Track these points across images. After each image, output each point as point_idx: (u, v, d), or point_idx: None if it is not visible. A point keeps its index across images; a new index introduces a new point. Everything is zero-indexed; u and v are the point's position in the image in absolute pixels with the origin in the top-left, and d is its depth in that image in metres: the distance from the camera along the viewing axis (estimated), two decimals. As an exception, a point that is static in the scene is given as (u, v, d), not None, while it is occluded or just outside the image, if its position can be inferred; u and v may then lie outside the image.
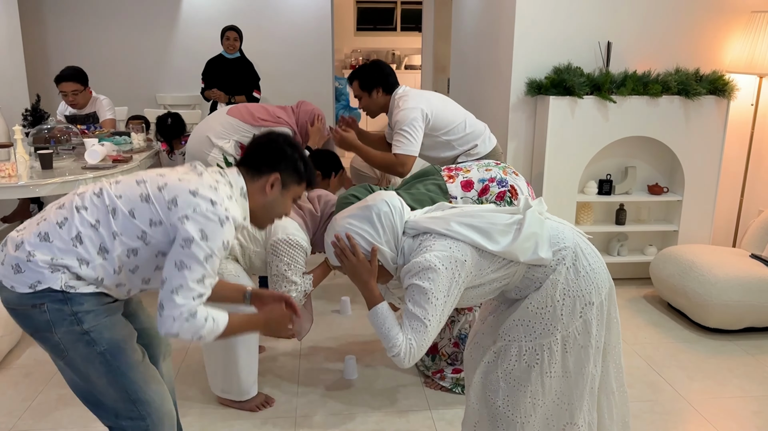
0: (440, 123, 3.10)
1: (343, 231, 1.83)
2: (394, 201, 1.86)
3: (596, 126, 3.81)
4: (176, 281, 1.62)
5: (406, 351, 1.72)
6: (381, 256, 1.82)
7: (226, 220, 1.66)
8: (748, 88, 4.01)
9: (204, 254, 1.63)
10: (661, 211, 4.20)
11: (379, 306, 1.79)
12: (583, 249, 1.87)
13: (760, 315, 3.35)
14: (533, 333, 1.84)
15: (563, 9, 3.83)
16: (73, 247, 1.66)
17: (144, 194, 1.69)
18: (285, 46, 6.79)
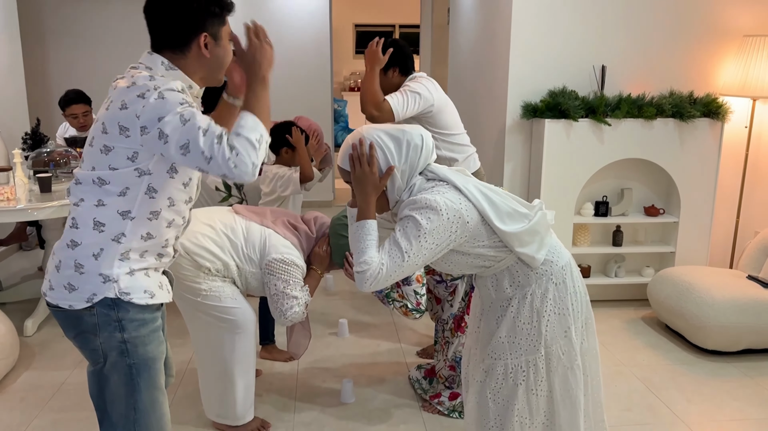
0: (440, 120, 3.15)
1: (369, 139, 1.80)
2: (428, 140, 1.85)
3: (592, 148, 3.84)
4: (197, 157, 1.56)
5: (374, 272, 1.71)
6: (390, 180, 1.81)
7: (162, 94, 1.59)
8: (741, 110, 4.05)
9: (177, 120, 1.57)
10: (658, 232, 4.22)
11: (369, 221, 1.77)
12: (573, 271, 1.90)
13: (758, 337, 3.35)
14: (519, 349, 1.85)
15: (558, 33, 3.88)
16: (100, 233, 1.66)
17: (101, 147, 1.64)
18: (284, 69, 6.85)
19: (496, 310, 1.91)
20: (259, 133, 1.62)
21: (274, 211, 2.72)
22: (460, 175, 1.83)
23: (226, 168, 1.56)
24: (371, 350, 3.49)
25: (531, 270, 1.84)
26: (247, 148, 1.58)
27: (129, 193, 1.65)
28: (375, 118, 2.97)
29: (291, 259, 2.53)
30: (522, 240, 1.79)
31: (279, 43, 6.81)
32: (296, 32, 6.82)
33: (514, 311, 1.86)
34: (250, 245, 2.53)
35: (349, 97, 10.11)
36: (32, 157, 3.83)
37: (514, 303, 1.86)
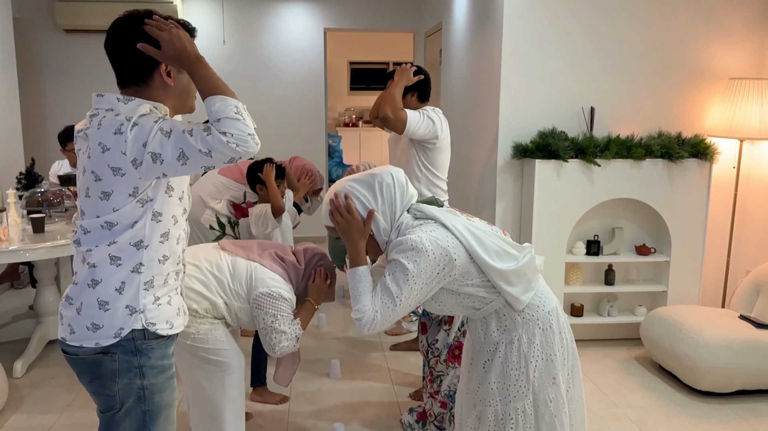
0: (436, 158, 3.31)
1: (342, 191, 1.86)
2: (399, 176, 1.89)
3: (582, 188, 3.88)
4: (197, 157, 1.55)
5: (369, 320, 1.77)
6: (374, 224, 1.84)
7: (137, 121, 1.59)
8: (729, 151, 4.11)
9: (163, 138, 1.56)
10: (650, 271, 4.23)
11: (360, 269, 1.82)
12: (560, 317, 1.91)
13: (752, 378, 3.34)
14: (508, 395, 1.85)
15: (547, 75, 3.95)
16: (118, 268, 1.67)
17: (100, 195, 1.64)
18: (279, 106, 6.94)
19: (484, 355, 1.92)
20: (233, 105, 1.58)
21: (261, 244, 2.71)
22: (448, 214, 1.86)
23: (231, 151, 1.54)
24: (363, 391, 3.47)
25: (517, 315, 1.85)
26: (234, 124, 1.55)
27: (137, 224, 1.66)
28: (388, 119, 3.09)
29: (278, 292, 2.51)
30: (509, 279, 1.81)
31: (274, 80, 6.94)
32: (291, 69, 6.92)
33: (501, 356, 1.86)
34: (236, 281, 2.52)
35: (343, 133, 10.20)
36: (26, 197, 3.85)
37: (501, 348, 1.87)
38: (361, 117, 10.65)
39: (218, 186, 3.75)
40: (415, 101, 3.34)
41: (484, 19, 4.32)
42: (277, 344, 2.48)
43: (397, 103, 3.12)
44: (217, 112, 1.56)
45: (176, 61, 1.62)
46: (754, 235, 4.18)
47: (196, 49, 1.63)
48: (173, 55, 1.61)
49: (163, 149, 1.56)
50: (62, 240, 3.36)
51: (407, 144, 3.35)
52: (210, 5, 6.66)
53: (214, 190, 3.71)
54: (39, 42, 6.48)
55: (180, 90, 1.74)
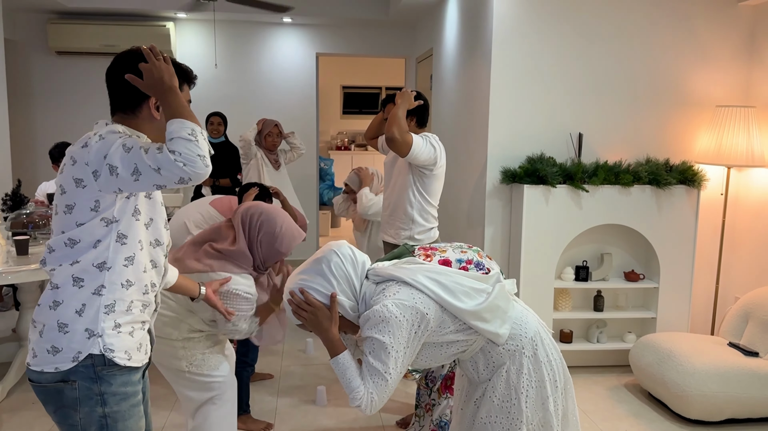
0: (431, 185, 3.33)
1: (296, 287, 1.82)
2: (343, 249, 1.86)
3: (570, 214, 3.88)
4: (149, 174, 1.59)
5: (368, 403, 1.75)
6: (340, 306, 1.81)
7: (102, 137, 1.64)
8: (717, 178, 4.12)
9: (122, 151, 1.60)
10: (639, 297, 4.22)
11: (341, 356, 1.78)
12: (543, 339, 1.88)
13: (741, 407, 3.31)
14: (502, 429, 1.82)
15: (535, 101, 3.98)
16: (80, 289, 1.67)
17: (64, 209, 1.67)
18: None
19: (476, 392, 1.90)
20: (189, 128, 1.62)
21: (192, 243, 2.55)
22: (405, 269, 1.82)
23: (178, 170, 1.58)
24: (350, 418, 3.41)
25: (502, 348, 1.82)
26: (186, 144, 1.59)
27: (100, 244, 1.67)
28: (394, 140, 3.11)
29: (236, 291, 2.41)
30: (482, 317, 1.78)
31: (267, 102, 6.96)
32: (284, 93, 6.95)
33: (490, 391, 1.84)
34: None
35: (335, 156, 10.22)
36: (11, 218, 3.81)
37: (490, 383, 1.84)
38: (353, 140, 10.68)
39: (205, 215, 3.71)
40: (414, 126, 3.35)
41: (473, 46, 4.36)
42: (234, 333, 2.47)
43: (403, 125, 3.14)
44: (171, 132, 1.61)
45: (152, 89, 1.69)
46: (743, 262, 4.18)
47: (174, 81, 1.69)
48: (150, 83, 1.68)
49: (120, 163, 1.60)
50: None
51: (405, 168, 3.35)
52: (202, 29, 6.71)
53: (200, 219, 3.68)
54: (31, 63, 6.49)
55: (163, 125, 1.76)
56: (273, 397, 3.65)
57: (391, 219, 3.44)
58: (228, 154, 5.42)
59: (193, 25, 6.69)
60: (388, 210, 3.47)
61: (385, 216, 3.51)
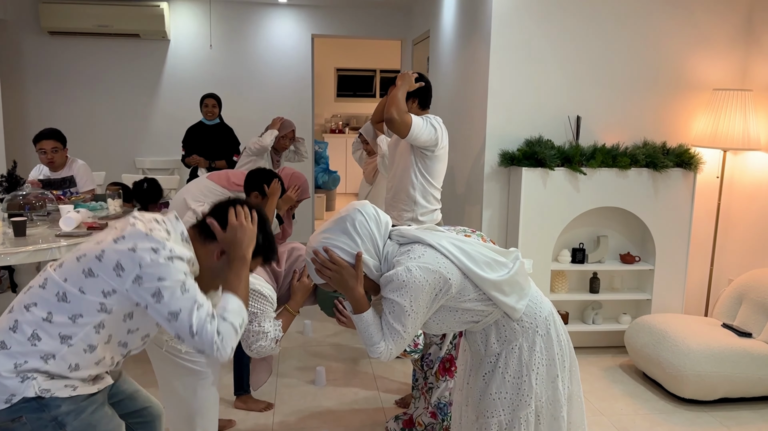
0: (433, 167, 3.32)
1: (320, 246, 1.81)
2: (367, 209, 1.85)
3: (568, 196, 3.90)
4: (184, 326, 1.61)
5: (387, 354, 1.79)
6: (365, 266, 1.80)
7: (173, 258, 1.63)
8: (713, 161, 4.15)
9: (178, 288, 1.61)
10: (634, 279, 4.26)
11: (365, 314, 1.79)
12: (555, 320, 1.90)
13: (734, 386, 3.36)
14: (511, 405, 1.85)
15: (534, 84, 3.98)
16: (32, 347, 1.61)
17: (86, 269, 1.64)
18: (265, 111, 6.90)
19: (485, 366, 1.91)
20: (242, 317, 1.69)
21: None
22: (431, 233, 1.83)
23: (209, 348, 1.61)
24: (349, 399, 3.45)
25: (516, 324, 1.84)
26: (231, 334, 1.65)
27: (80, 320, 1.63)
28: (393, 121, 3.10)
29: (257, 288, 2.44)
30: (502, 289, 1.80)
31: (261, 84, 6.92)
32: (279, 74, 6.90)
33: (502, 367, 1.85)
34: None
35: (330, 139, 10.20)
36: (7, 200, 3.78)
37: (501, 358, 1.86)
38: (347, 123, 10.65)
39: (203, 189, 3.72)
40: (416, 108, 3.34)
41: (471, 28, 4.34)
42: (254, 343, 2.42)
43: (402, 106, 3.12)
44: (230, 311, 1.67)
45: (227, 246, 1.76)
46: (737, 244, 4.22)
47: (249, 252, 1.77)
48: (228, 241, 1.75)
49: (169, 297, 1.60)
50: (44, 244, 3.31)
51: (407, 150, 3.35)
52: (197, 9, 6.64)
53: (199, 193, 3.68)
54: (22, 44, 6.41)
55: (216, 270, 1.81)
56: (273, 378, 3.68)
57: (394, 201, 3.45)
58: (224, 135, 5.40)
59: (187, 5, 6.62)
60: (391, 192, 3.47)
61: (389, 198, 3.52)
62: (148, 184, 4.17)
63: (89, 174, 4.58)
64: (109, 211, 4.07)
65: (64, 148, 4.39)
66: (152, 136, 6.78)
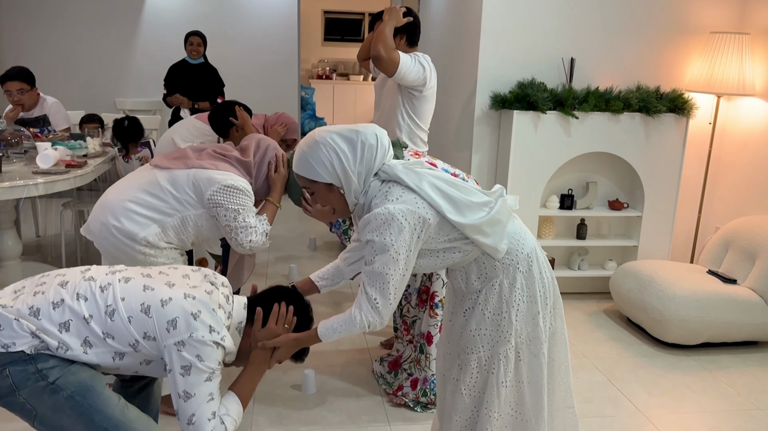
0: (420, 108, 3.21)
1: (321, 140, 1.74)
2: (383, 139, 1.80)
3: (559, 141, 3.83)
4: (188, 411, 1.65)
5: (372, 318, 1.73)
6: (347, 183, 1.76)
7: (220, 344, 1.69)
8: (706, 106, 4.09)
9: (206, 375, 1.66)
10: (621, 226, 4.25)
11: (320, 330, 1.80)
12: (539, 256, 1.88)
13: (717, 331, 3.40)
14: (490, 341, 1.84)
15: (528, 25, 3.86)
16: (58, 332, 1.63)
17: (146, 305, 1.67)
18: (250, 54, 6.72)
19: (465, 303, 1.89)
20: (237, 423, 1.75)
21: (195, 148, 2.54)
22: (413, 173, 1.77)
23: None
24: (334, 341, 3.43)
25: (497, 261, 1.81)
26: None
27: (109, 341, 1.66)
28: (380, 58, 2.99)
29: (231, 183, 2.37)
30: (482, 231, 1.76)
31: (245, 25, 6.70)
32: (263, 18, 6.68)
33: (482, 303, 1.83)
34: (182, 191, 2.38)
35: (316, 85, 9.99)
36: (-18, 136, 3.65)
37: (482, 295, 1.83)
38: (335, 69, 10.43)
39: (192, 129, 3.62)
40: (404, 45, 3.21)
41: (465, -36, 4.18)
42: (245, 240, 2.38)
43: (389, 42, 3.00)
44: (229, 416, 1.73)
45: (258, 345, 1.82)
46: (726, 192, 4.21)
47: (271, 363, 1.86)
48: (261, 342, 1.82)
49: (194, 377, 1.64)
50: (20, 181, 3.21)
51: (394, 89, 3.25)
52: (178, -57, 6.35)
53: (187, 134, 3.59)
54: (-5, -24, 6.12)
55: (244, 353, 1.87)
56: (257, 320, 3.66)
57: None
58: (208, 76, 5.24)
59: (167, -62, 6.33)
60: None
61: None
62: (129, 122, 4.05)
63: (62, 112, 4.43)
64: (88, 149, 3.96)
65: (32, 88, 4.23)
66: (133, 75, 6.58)
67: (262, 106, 5.89)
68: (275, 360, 1.86)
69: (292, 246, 5.08)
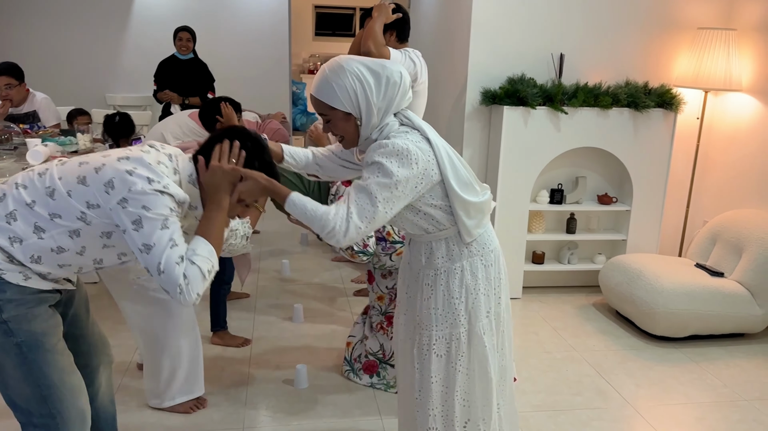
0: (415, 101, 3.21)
1: (348, 68, 1.71)
2: (406, 78, 1.79)
3: (548, 136, 3.86)
4: (154, 261, 1.60)
5: (341, 222, 1.66)
6: (367, 115, 1.74)
7: (164, 192, 1.63)
8: (694, 102, 4.13)
9: (158, 223, 1.61)
10: (611, 220, 4.29)
11: (291, 196, 1.71)
12: (500, 257, 1.96)
13: (704, 323, 3.44)
14: (444, 322, 1.88)
15: (518, 21, 3.88)
16: (5, 224, 1.63)
17: (81, 176, 1.65)
18: (241, 49, 6.71)
19: (423, 278, 1.92)
20: (212, 263, 1.66)
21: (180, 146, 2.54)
22: (433, 131, 1.81)
23: (172, 289, 1.60)
24: (326, 335, 3.46)
25: (465, 247, 1.85)
26: (198, 279, 1.62)
27: (57, 220, 1.63)
28: (370, 54, 2.99)
29: None
30: (468, 211, 1.81)
31: (235, 20, 6.69)
32: (254, 13, 6.67)
33: (443, 283, 1.87)
34: None
35: (308, 80, 9.97)
36: (-29, 133, 3.65)
37: (443, 275, 1.87)
38: (325, 64, 10.41)
39: (183, 127, 3.62)
40: (394, 41, 3.24)
41: (455, -40, 4.19)
42: (224, 242, 2.39)
43: (379, 39, 3.02)
44: (199, 254, 1.64)
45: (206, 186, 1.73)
46: (713, 186, 4.25)
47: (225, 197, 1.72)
48: (206, 182, 1.72)
49: (148, 228, 1.59)
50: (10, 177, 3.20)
51: None
52: (168, -62, 6.32)
53: (179, 130, 3.59)
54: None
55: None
56: (250, 314, 3.67)
57: None
58: (198, 71, 5.23)
59: (157, -67, 6.30)
60: None
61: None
62: (120, 118, 4.04)
63: (52, 108, 4.42)
64: (78, 145, 3.95)
65: (20, 83, 4.21)
66: (124, 71, 6.55)
67: (254, 101, 5.90)
68: (239, 192, 1.74)
69: (284, 242, 5.09)
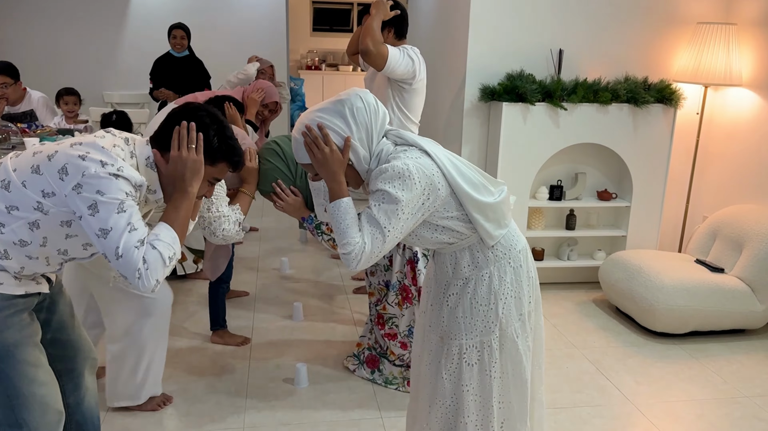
0: (410, 101, 3.23)
1: (313, 122, 1.71)
2: (368, 97, 1.76)
3: (548, 132, 3.85)
4: (111, 246, 1.57)
5: (358, 253, 1.66)
6: (353, 152, 1.73)
7: (118, 176, 1.60)
8: (693, 97, 4.12)
9: (114, 207, 1.58)
10: (610, 216, 4.28)
11: (344, 200, 1.70)
12: (528, 256, 1.90)
13: (704, 319, 3.44)
14: (474, 330, 1.84)
15: (516, 17, 3.86)
16: None
17: (35, 165, 1.62)
18: (238, 45, 6.68)
19: (451, 289, 1.89)
20: (174, 251, 1.64)
21: None
22: (430, 142, 1.78)
23: (130, 275, 1.58)
24: (326, 333, 3.45)
25: (491, 252, 1.82)
26: (158, 265, 1.60)
27: (15, 212, 1.62)
28: (369, 53, 2.98)
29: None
30: (485, 213, 1.77)
31: (232, 16, 6.66)
32: (251, 9, 6.64)
33: (471, 291, 1.84)
34: None
35: (305, 76, 9.95)
36: (-33, 132, 3.63)
37: (471, 283, 1.84)
38: (324, 60, 10.38)
39: None
40: (392, 38, 3.22)
41: (453, -45, 4.17)
42: (218, 229, 2.39)
43: (377, 36, 3.00)
44: (161, 240, 1.63)
45: (171, 178, 1.71)
46: (713, 182, 4.24)
47: (191, 184, 1.70)
48: (169, 173, 1.71)
49: (104, 212, 1.57)
50: None
51: (384, 83, 3.25)
52: (164, -66, 6.29)
53: None
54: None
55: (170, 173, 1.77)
56: (249, 313, 3.66)
57: None
58: (193, 68, 5.21)
59: (153, -71, 6.26)
60: None
61: None
62: (117, 116, 4.03)
63: (50, 107, 4.41)
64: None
65: (16, 82, 4.20)
66: (120, 69, 6.53)
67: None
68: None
69: (283, 239, 5.08)
